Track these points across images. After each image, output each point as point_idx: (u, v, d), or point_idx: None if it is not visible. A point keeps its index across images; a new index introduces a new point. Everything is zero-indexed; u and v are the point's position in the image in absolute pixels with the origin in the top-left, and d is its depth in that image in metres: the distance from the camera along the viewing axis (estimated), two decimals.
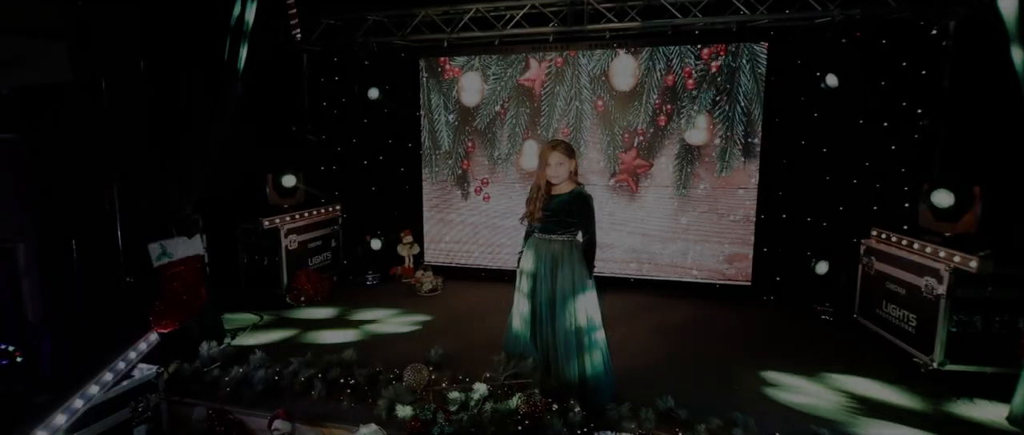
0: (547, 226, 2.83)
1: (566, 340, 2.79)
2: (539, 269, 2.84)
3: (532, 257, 2.88)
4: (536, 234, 2.90)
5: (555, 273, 2.79)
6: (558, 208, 2.80)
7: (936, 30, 4.30)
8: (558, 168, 2.76)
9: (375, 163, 5.72)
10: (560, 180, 2.80)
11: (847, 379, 3.23)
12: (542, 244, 2.85)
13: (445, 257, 5.61)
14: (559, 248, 2.82)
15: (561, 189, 2.82)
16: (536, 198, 2.83)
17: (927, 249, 3.31)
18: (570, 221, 2.82)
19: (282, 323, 4.20)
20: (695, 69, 4.77)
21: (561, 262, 2.81)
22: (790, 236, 4.82)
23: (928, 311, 3.22)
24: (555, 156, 2.76)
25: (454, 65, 5.29)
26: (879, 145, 4.54)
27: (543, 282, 2.82)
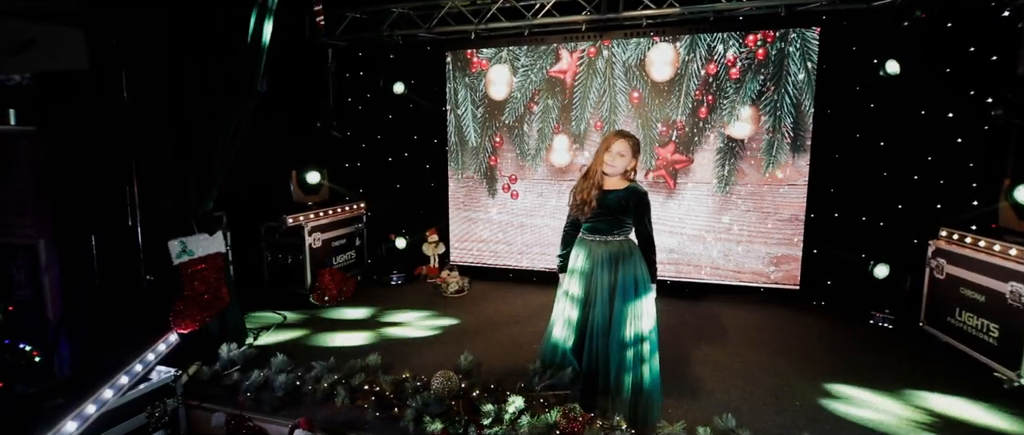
0: (598, 226, 2.59)
1: (622, 350, 2.51)
2: (596, 272, 2.57)
3: (585, 260, 2.61)
4: (585, 236, 2.65)
5: (615, 276, 2.53)
6: (613, 205, 2.55)
7: (1008, 12, 3.91)
8: (617, 159, 2.52)
9: (400, 159, 5.57)
10: (614, 174, 2.55)
11: (919, 394, 2.90)
12: (595, 246, 2.60)
13: (472, 257, 5.42)
14: (617, 249, 2.56)
15: (614, 185, 2.58)
16: (591, 185, 2.56)
17: (1011, 250, 2.96)
18: (624, 220, 2.57)
19: (305, 323, 4.06)
20: (740, 57, 4.46)
21: (622, 264, 2.54)
22: (843, 237, 4.47)
23: (1014, 320, 2.87)
24: (619, 145, 2.52)
25: (482, 57, 5.10)
26: (943, 138, 4.16)
27: (600, 287, 2.55)
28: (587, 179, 2.60)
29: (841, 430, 2.57)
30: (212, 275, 3.29)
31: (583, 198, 2.58)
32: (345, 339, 3.74)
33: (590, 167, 2.62)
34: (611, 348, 2.53)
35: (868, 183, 4.38)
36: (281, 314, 4.17)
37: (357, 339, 3.74)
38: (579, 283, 2.61)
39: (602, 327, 2.53)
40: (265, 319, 4.10)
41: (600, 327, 2.54)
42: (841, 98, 4.35)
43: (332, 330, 3.91)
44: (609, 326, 2.52)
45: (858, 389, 2.97)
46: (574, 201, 2.64)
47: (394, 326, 4.00)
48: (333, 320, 4.15)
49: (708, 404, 2.82)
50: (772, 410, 2.77)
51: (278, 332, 3.87)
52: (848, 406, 2.80)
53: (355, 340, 3.72)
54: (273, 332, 3.86)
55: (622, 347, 2.49)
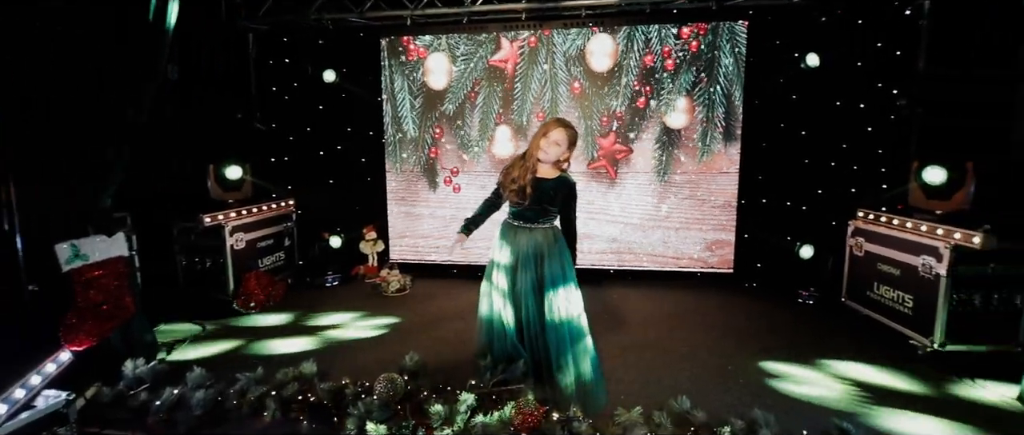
0: (526, 213, 2.55)
1: (558, 339, 2.51)
2: (521, 262, 2.56)
3: (510, 248, 2.60)
4: (512, 222, 2.60)
5: (541, 265, 2.52)
6: (542, 195, 2.52)
7: (909, 11, 4.27)
8: (552, 148, 2.50)
9: (332, 153, 5.23)
10: (547, 161, 2.54)
11: (848, 365, 3.07)
12: (522, 234, 2.57)
13: (413, 254, 5.19)
14: (542, 238, 2.56)
15: (545, 173, 2.56)
16: (525, 170, 2.50)
17: (922, 226, 3.21)
18: (551, 210, 2.57)
19: (228, 333, 3.68)
20: (674, 49, 4.56)
21: (547, 253, 2.56)
22: (771, 221, 4.71)
23: (926, 291, 3.12)
24: (558, 133, 2.49)
25: (419, 45, 4.88)
26: (856, 127, 4.48)
27: (526, 276, 2.55)
28: (522, 162, 2.55)
29: (783, 404, 2.66)
30: (112, 282, 2.88)
31: (521, 184, 2.51)
32: (275, 347, 3.42)
33: (526, 151, 2.57)
34: (548, 338, 2.52)
35: (792, 170, 4.63)
36: (199, 324, 3.76)
37: (289, 346, 3.43)
38: (505, 274, 2.57)
39: (536, 318, 2.51)
40: (180, 331, 3.68)
41: (534, 318, 2.51)
42: (767, 89, 4.57)
43: (260, 338, 3.57)
44: (542, 316, 2.50)
45: (794, 365, 3.10)
46: (507, 182, 2.57)
47: (330, 329, 3.72)
48: (261, 327, 3.79)
49: (658, 388, 2.83)
50: (719, 390, 2.82)
51: (196, 344, 3.48)
52: (787, 382, 2.91)
53: (286, 347, 3.41)
54: (190, 345, 3.46)
55: (558, 336, 2.49)
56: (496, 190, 2.74)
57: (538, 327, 2.53)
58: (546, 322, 2.51)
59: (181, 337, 3.52)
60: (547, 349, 2.51)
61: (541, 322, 2.52)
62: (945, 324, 3.00)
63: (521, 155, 2.61)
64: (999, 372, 2.86)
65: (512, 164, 2.62)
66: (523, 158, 2.58)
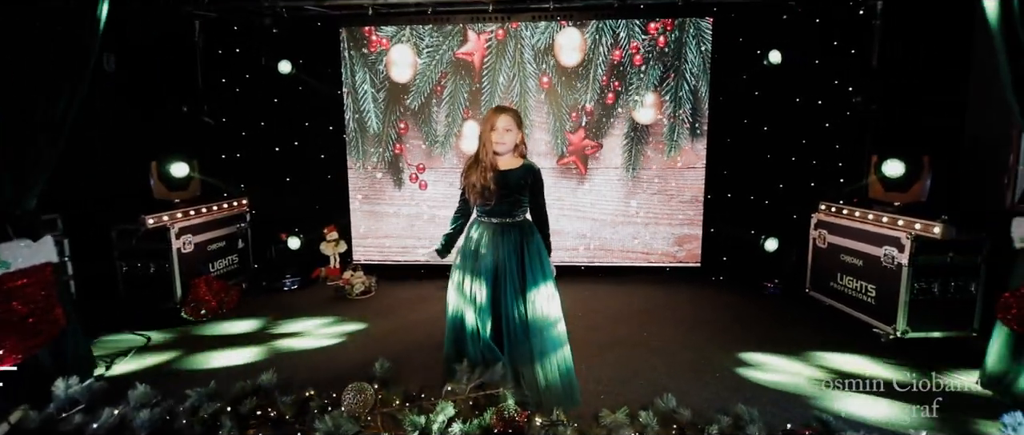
0: (499, 208, 2.44)
1: (542, 339, 2.41)
2: (501, 261, 2.44)
3: (488, 245, 2.46)
4: (483, 219, 2.49)
5: (520, 264, 2.42)
6: (512, 185, 2.42)
7: (863, 11, 4.42)
8: (505, 135, 2.39)
9: (289, 149, 4.94)
10: (505, 151, 2.43)
11: (815, 354, 3.13)
12: (496, 229, 2.46)
13: (378, 254, 4.98)
14: (519, 234, 2.46)
15: (509, 163, 2.45)
16: (484, 169, 2.39)
17: (884, 218, 3.31)
18: (522, 200, 2.46)
19: (177, 343, 3.38)
20: (642, 44, 4.56)
21: (526, 247, 2.46)
22: (736, 215, 4.79)
23: (888, 281, 3.22)
24: (503, 120, 2.39)
25: (381, 36, 4.67)
26: (814, 123, 4.62)
27: (506, 276, 2.43)
28: (479, 162, 2.42)
29: (761, 397, 2.66)
30: (38, 292, 2.56)
31: (483, 184, 2.39)
32: (230, 358, 3.17)
33: (478, 151, 2.45)
34: (532, 339, 2.42)
35: (755, 165, 4.73)
36: (144, 335, 3.44)
37: (245, 356, 3.18)
38: (483, 277, 2.43)
39: (517, 318, 2.41)
40: (121, 343, 3.36)
41: (517, 316, 2.40)
42: (731, 86, 4.63)
43: (212, 349, 3.30)
44: (525, 316, 2.40)
45: (765, 355, 3.13)
46: (470, 187, 2.45)
47: (291, 337, 3.49)
48: (213, 337, 3.52)
49: (636, 385, 2.79)
50: (697, 385, 2.81)
51: (140, 357, 3.18)
52: (760, 372, 2.93)
53: (243, 358, 3.17)
54: (133, 358, 3.16)
55: (542, 336, 2.41)
56: (462, 198, 2.60)
57: (520, 328, 2.42)
58: (529, 322, 2.41)
59: (122, 350, 3.21)
60: (530, 350, 2.41)
61: (524, 322, 2.42)
62: (907, 312, 3.10)
63: (474, 158, 2.47)
64: (957, 357, 2.98)
65: (468, 169, 2.48)
66: (476, 160, 2.44)
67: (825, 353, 3.15)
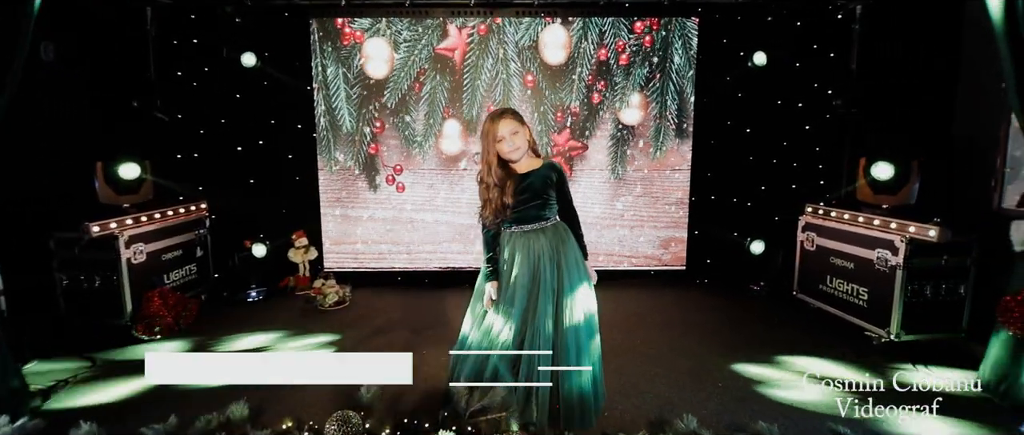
0: (527, 213, 2.23)
1: (578, 350, 2.22)
2: (538, 271, 2.20)
3: (523, 257, 2.22)
4: (513, 229, 2.27)
5: (561, 269, 2.21)
6: (538, 186, 2.21)
7: (841, 15, 4.46)
8: (514, 138, 2.17)
9: (253, 148, 4.57)
10: (520, 155, 2.22)
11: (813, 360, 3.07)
12: (530, 238, 2.24)
13: (351, 261, 4.68)
14: (552, 236, 2.25)
15: (528, 165, 2.24)
16: (500, 184, 2.18)
17: (875, 221, 3.30)
18: (550, 199, 2.26)
19: (127, 368, 3.02)
20: (628, 43, 4.46)
21: (562, 253, 2.23)
22: (719, 217, 4.75)
23: (881, 283, 3.20)
24: (506, 125, 2.17)
25: (356, 28, 4.39)
26: (795, 125, 4.63)
27: (546, 286, 2.19)
28: (488, 184, 2.20)
29: (768, 408, 2.57)
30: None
31: (496, 200, 2.18)
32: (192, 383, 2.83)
33: (483, 169, 2.22)
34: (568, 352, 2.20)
35: (738, 167, 4.70)
36: (88, 359, 3.06)
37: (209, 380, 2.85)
38: (519, 285, 2.21)
39: (549, 327, 2.19)
40: (62, 370, 2.96)
41: (547, 330, 2.19)
42: (715, 87, 4.59)
43: None
44: (563, 327, 2.19)
45: (764, 363, 3.05)
46: (488, 207, 2.22)
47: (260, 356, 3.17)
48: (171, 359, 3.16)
49: (641, 400, 2.65)
50: (701, 396, 2.69)
51: (83, 387, 2.80)
52: (760, 379, 2.85)
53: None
54: (74, 388, 2.78)
55: (579, 347, 2.20)
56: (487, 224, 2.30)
57: (560, 339, 2.20)
58: (568, 335, 2.21)
59: (62, 378, 2.82)
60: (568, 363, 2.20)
61: (564, 335, 2.20)
62: (901, 315, 3.09)
63: (481, 182, 2.24)
64: (950, 359, 2.99)
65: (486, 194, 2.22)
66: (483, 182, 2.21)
67: (820, 358, 3.11)
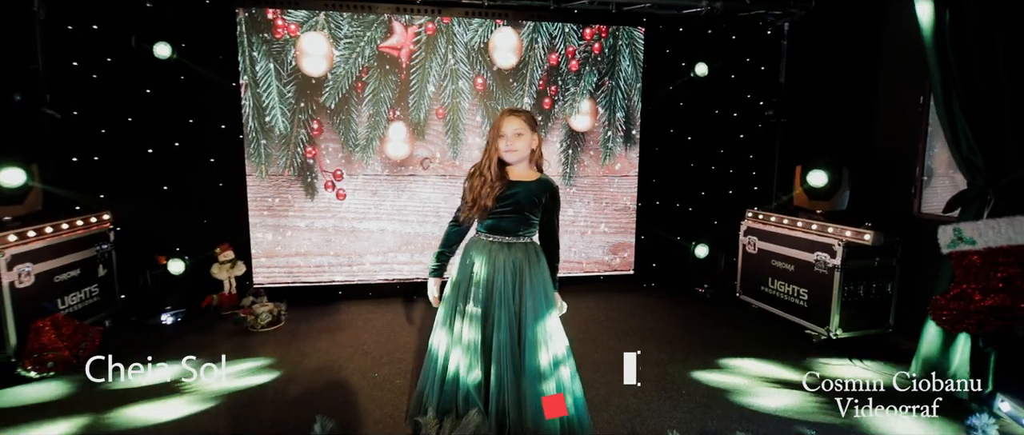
0: (503, 224, 2.06)
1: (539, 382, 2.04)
2: (498, 285, 2.04)
3: (485, 268, 2.05)
4: (483, 236, 2.11)
5: (521, 289, 2.04)
6: (523, 201, 2.05)
7: (770, 31, 4.75)
8: (517, 141, 2.00)
9: (167, 150, 4.05)
10: (518, 160, 2.05)
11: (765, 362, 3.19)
12: (498, 250, 2.06)
13: (285, 276, 4.28)
14: (522, 255, 2.07)
15: (522, 175, 2.08)
16: (487, 183, 2.03)
17: (813, 226, 3.50)
18: (533, 219, 2.09)
19: (10, 415, 2.51)
20: (578, 49, 4.45)
21: (528, 274, 2.06)
22: (664, 222, 4.87)
23: (820, 285, 3.39)
24: (513, 123, 2.01)
25: (289, 20, 4.02)
26: (731, 134, 4.87)
27: (504, 303, 2.03)
28: (483, 177, 2.04)
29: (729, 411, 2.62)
30: None
31: (480, 198, 2.03)
32: (94, 426, 2.41)
33: (483, 162, 2.07)
34: (525, 381, 2.03)
35: (680, 173, 4.86)
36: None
37: (125, 418, 2.44)
38: (478, 298, 2.05)
39: (512, 354, 2.02)
40: None
41: (508, 354, 2.02)
42: (659, 96, 4.71)
43: (66, 415, 2.49)
44: (521, 353, 2.03)
45: (719, 366, 3.12)
46: (471, 204, 2.06)
47: (180, 394, 2.75)
48: (65, 400, 2.67)
49: (612, 413, 2.60)
50: (668, 405, 2.69)
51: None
52: (721, 385, 2.90)
53: (120, 420, 2.42)
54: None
55: (540, 378, 2.03)
56: (460, 209, 2.16)
57: (511, 363, 2.03)
58: (527, 359, 2.02)
59: None
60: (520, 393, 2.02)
61: (520, 357, 2.03)
62: (840, 314, 3.29)
63: (478, 170, 2.08)
64: (883, 353, 3.23)
65: (472, 182, 2.08)
66: (481, 174, 2.06)
67: (770, 359, 3.23)
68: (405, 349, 3.34)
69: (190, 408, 2.58)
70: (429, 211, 4.38)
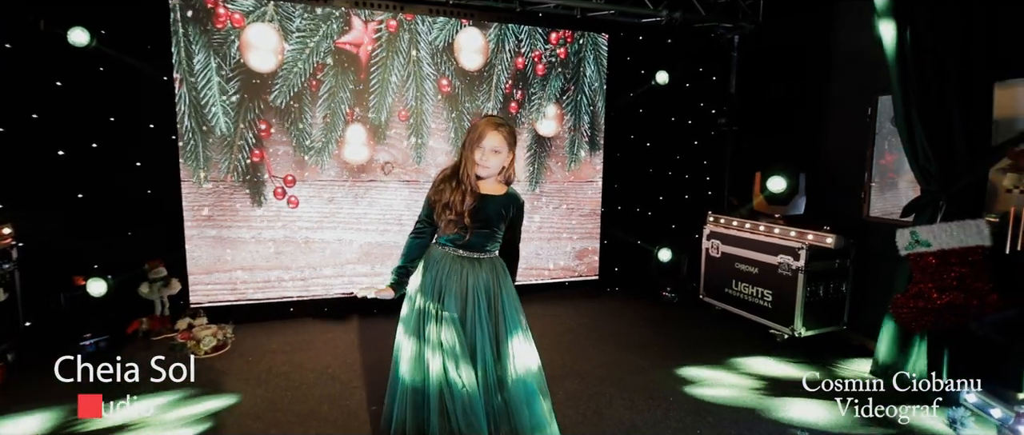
0: (471, 241, 1.96)
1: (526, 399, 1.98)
2: (471, 304, 1.96)
3: (451, 286, 1.96)
4: (449, 249, 1.99)
5: (495, 307, 1.98)
6: (492, 216, 1.97)
7: (719, 44, 4.96)
8: (492, 158, 1.92)
9: (82, 153, 3.50)
10: (489, 175, 1.97)
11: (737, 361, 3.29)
12: (467, 266, 1.98)
13: (228, 293, 3.84)
14: (490, 272, 2.01)
15: (490, 189, 2.00)
16: (466, 191, 1.91)
17: (775, 229, 3.66)
18: (498, 233, 2.03)
19: None
20: (545, 54, 4.39)
21: (500, 291, 2.02)
22: (626, 227, 4.92)
23: (784, 286, 3.55)
24: (494, 138, 1.91)
25: (233, 9, 3.61)
26: (685, 141, 5.02)
27: (477, 322, 1.95)
28: (456, 183, 1.95)
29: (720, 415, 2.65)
30: None
31: (459, 211, 1.91)
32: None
33: (458, 166, 1.97)
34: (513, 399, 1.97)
35: (640, 178, 4.94)
36: None
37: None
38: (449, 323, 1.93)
39: (495, 376, 1.95)
40: None
41: (492, 375, 1.95)
42: (620, 102, 4.76)
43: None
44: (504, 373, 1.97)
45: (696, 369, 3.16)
46: (441, 210, 1.95)
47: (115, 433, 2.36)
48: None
49: (607, 427, 2.55)
50: (659, 414, 2.68)
51: None
52: (702, 388, 2.94)
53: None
54: None
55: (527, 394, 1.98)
56: (423, 219, 2.05)
57: (497, 388, 1.96)
58: (509, 381, 1.96)
59: None
60: (510, 414, 1.95)
61: (502, 381, 1.96)
62: (803, 314, 3.45)
63: (450, 173, 1.98)
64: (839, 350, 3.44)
65: (442, 186, 1.97)
66: (454, 178, 1.95)
67: (742, 358, 3.33)
68: (375, 370, 3.09)
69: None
70: (391, 219, 4.12)
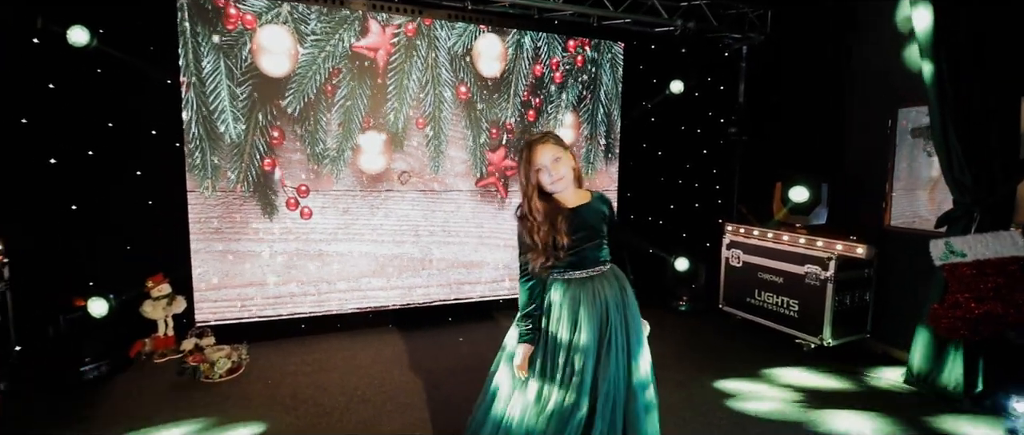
0: (583, 256, 1.83)
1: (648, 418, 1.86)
2: (606, 328, 1.80)
3: (584, 313, 1.79)
4: (567, 275, 1.84)
5: (628, 323, 1.83)
6: (592, 220, 1.85)
7: (727, 53, 5.01)
8: (557, 166, 1.78)
9: (78, 161, 3.23)
10: (566, 185, 1.83)
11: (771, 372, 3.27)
12: (591, 286, 1.82)
13: (237, 311, 3.60)
14: (614, 282, 1.88)
15: (577, 198, 1.87)
16: (548, 220, 1.78)
17: (801, 239, 3.67)
18: (606, 239, 1.91)
19: None
20: (562, 61, 4.32)
21: (627, 302, 1.88)
22: (638, 236, 4.88)
23: (812, 295, 3.56)
24: (546, 152, 1.78)
25: (245, 9, 3.41)
26: (696, 149, 5.04)
27: (617, 345, 1.80)
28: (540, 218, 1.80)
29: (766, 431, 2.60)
30: None
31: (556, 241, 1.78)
32: None
33: (526, 203, 1.82)
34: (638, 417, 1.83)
35: (653, 187, 4.92)
36: None
37: None
38: (581, 348, 1.78)
39: (622, 388, 1.80)
40: None
41: (619, 389, 1.80)
42: (634, 111, 4.74)
43: None
44: (630, 383, 1.82)
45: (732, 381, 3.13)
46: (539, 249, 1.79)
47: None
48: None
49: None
50: (705, 428, 2.62)
51: None
52: (743, 402, 2.89)
53: None
54: None
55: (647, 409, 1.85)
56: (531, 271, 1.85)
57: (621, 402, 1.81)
58: (638, 402, 1.82)
59: None
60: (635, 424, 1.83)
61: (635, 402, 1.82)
62: (832, 323, 3.46)
63: (523, 218, 1.83)
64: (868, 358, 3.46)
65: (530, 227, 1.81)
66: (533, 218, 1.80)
67: (774, 369, 3.31)
68: (407, 391, 2.94)
69: None
70: (407, 230, 3.96)
